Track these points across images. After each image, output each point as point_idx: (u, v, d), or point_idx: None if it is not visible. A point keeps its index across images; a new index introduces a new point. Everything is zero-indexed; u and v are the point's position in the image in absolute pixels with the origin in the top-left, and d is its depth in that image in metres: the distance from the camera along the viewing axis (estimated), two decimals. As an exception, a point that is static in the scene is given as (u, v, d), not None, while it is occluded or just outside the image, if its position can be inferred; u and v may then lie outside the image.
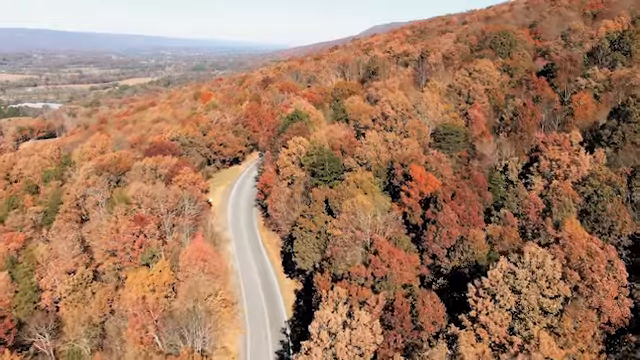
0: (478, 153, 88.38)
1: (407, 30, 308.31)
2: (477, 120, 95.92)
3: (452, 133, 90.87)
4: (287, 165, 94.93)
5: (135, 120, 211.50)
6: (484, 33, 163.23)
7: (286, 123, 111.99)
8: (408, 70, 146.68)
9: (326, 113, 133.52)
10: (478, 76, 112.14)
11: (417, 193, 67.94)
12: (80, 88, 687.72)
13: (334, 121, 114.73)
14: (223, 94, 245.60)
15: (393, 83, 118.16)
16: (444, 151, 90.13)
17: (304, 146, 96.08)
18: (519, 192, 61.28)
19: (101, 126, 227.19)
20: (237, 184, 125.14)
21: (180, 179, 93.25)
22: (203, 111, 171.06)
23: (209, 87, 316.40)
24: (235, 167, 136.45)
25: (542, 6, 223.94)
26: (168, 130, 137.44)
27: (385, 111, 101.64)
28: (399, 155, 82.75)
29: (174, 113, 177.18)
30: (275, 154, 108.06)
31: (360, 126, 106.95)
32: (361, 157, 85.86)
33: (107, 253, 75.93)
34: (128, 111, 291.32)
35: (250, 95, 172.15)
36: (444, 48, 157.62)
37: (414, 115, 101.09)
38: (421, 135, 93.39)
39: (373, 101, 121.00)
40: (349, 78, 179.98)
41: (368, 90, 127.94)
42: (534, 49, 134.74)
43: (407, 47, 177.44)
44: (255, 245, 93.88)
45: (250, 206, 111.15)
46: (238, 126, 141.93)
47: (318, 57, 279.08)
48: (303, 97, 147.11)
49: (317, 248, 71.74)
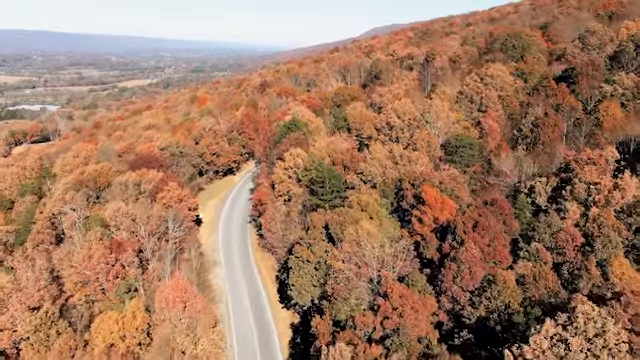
0: (495, 169, 78.96)
1: (409, 32, 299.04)
2: (492, 131, 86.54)
3: (465, 146, 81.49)
4: (283, 180, 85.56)
5: (127, 126, 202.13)
6: (492, 35, 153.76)
7: (283, 132, 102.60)
8: (413, 74, 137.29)
9: (326, 120, 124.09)
10: (490, 82, 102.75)
11: (431, 219, 58.54)
12: (79, 90, 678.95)
13: (335, 130, 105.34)
14: (220, 98, 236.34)
15: (398, 89, 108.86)
16: (457, 166, 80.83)
17: (302, 159, 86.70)
18: (552, 222, 51.84)
19: (93, 131, 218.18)
20: (231, 197, 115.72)
21: (165, 196, 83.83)
22: (197, 117, 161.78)
23: (206, 90, 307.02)
24: (229, 178, 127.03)
25: (549, 7, 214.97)
26: (158, 138, 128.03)
27: (390, 120, 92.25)
28: (408, 172, 73.35)
29: (167, 119, 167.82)
30: (270, 166, 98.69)
31: (363, 136, 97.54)
32: (365, 173, 76.48)
33: (78, 284, 66.62)
34: (123, 115, 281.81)
35: (246, 100, 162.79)
36: (450, 51, 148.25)
37: (422, 125, 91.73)
38: (431, 148, 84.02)
39: (377, 108, 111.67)
40: (350, 82, 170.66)
41: (371, 96, 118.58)
42: (548, 52, 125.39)
43: (411, 50, 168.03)
44: (248, 268, 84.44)
45: (244, 222, 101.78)
46: (233, 134, 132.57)
47: (318, 59, 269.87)
48: (302, 103, 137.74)
49: (316, 281, 62.33)
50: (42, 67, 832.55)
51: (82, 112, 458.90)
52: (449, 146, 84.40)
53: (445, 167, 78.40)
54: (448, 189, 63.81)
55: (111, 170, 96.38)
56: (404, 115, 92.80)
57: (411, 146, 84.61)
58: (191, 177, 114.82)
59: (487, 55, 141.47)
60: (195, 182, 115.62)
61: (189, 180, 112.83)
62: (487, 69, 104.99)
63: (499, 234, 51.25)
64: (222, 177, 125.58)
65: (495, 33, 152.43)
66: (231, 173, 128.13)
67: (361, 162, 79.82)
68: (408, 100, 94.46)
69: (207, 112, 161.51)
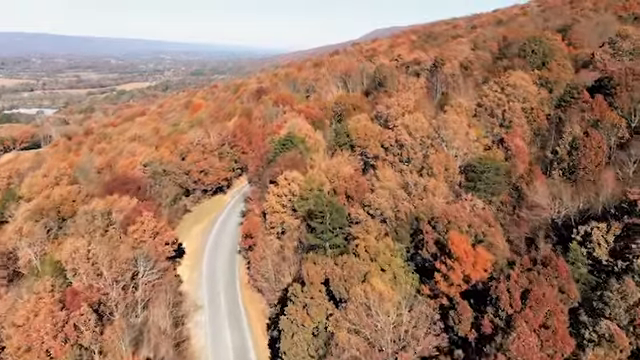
0: (527, 200, 65.56)
1: (411, 35, 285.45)
2: (520, 152, 73.14)
3: (491, 170, 68.12)
4: (276, 211, 72.17)
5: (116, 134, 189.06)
6: (506, 39, 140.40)
7: (277, 150, 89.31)
8: (420, 81, 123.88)
9: (326, 134, 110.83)
10: (512, 92, 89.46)
11: (460, 277, 45.26)
12: (77, 93, 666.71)
13: (336, 147, 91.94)
14: (215, 104, 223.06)
15: (407, 100, 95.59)
16: (480, 194, 67.44)
17: (298, 184, 73.26)
18: (627, 291, 38.50)
19: (81, 139, 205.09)
20: (220, 220, 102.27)
21: (137, 230, 70.46)
22: (187, 127, 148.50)
23: (203, 95, 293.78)
24: (219, 197, 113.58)
25: (560, 9, 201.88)
26: (141, 153, 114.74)
27: (400, 138, 78.98)
28: (425, 206, 60.07)
29: (156, 128, 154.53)
30: (263, 190, 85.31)
31: (369, 155, 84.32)
32: (373, 206, 63.13)
33: (22, 349, 53.29)
34: (115, 121, 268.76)
35: (240, 108, 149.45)
36: (461, 56, 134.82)
37: (437, 144, 78.41)
38: (449, 172, 70.68)
39: (383, 121, 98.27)
40: (352, 89, 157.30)
41: (376, 107, 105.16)
42: (571, 58, 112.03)
43: (417, 54, 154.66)
44: (235, 314, 70.78)
45: (233, 251, 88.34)
46: (224, 147, 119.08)
47: (317, 63, 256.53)
48: (299, 113, 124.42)
49: (314, 350, 48.98)
50: (41, 70, 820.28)
51: (78, 116, 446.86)
52: (471, 170, 71.03)
53: (467, 197, 65.07)
54: (479, 234, 50.47)
55: (79, 194, 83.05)
56: (416, 132, 79.55)
57: (425, 170, 71.27)
58: (175, 198, 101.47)
59: (501, 61, 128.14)
60: (180, 204, 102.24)
61: (172, 202, 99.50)
62: (508, 77, 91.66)
63: (557, 308, 37.87)
64: (211, 196, 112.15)
65: (509, 36, 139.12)
66: (221, 191, 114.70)
67: (368, 192, 66.48)
68: (420, 115, 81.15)
69: (197, 122, 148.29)
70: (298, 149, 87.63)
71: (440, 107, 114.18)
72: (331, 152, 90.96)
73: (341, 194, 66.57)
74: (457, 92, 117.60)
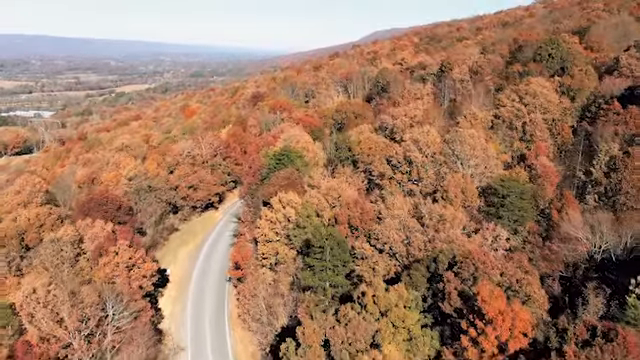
0: (559, 230, 56.05)
1: (413, 37, 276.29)
2: (547, 172, 63.56)
3: (514, 194, 58.58)
4: (270, 240, 62.57)
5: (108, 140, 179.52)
6: (517, 41, 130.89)
7: (272, 166, 79.75)
8: (427, 88, 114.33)
9: (326, 144, 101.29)
10: (531, 101, 80.00)
11: (494, 345, 35.77)
12: (75, 95, 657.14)
13: (337, 161, 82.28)
14: (211, 108, 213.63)
15: (415, 110, 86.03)
16: (504, 222, 57.98)
17: (295, 208, 63.67)
18: None
19: (70, 146, 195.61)
20: (210, 241, 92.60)
21: (110, 262, 60.89)
22: (178, 135, 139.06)
23: (199, 98, 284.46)
24: (210, 213, 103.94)
25: (568, 10, 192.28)
26: (126, 165, 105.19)
27: (410, 155, 69.44)
28: (443, 240, 50.53)
29: (146, 136, 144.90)
30: (255, 211, 75.79)
31: (373, 173, 74.73)
32: (381, 239, 53.57)
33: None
34: (109, 125, 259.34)
35: (235, 115, 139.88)
36: (470, 60, 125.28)
37: (452, 162, 68.89)
38: (467, 196, 61.11)
39: (388, 132, 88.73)
40: (353, 94, 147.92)
41: (380, 116, 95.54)
42: (590, 63, 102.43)
43: (422, 58, 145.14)
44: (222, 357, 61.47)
45: (223, 279, 78.60)
46: (216, 159, 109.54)
47: (317, 66, 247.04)
48: (297, 122, 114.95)
49: None
50: (40, 72, 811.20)
51: (75, 119, 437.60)
52: (491, 193, 61.54)
53: (489, 226, 55.60)
54: (513, 284, 40.89)
55: (50, 217, 73.45)
56: (426, 147, 70.00)
57: (440, 192, 61.76)
58: (161, 217, 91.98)
59: (513, 65, 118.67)
60: (166, 223, 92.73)
61: (157, 221, 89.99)
62: (527, 85, 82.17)
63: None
64: (201, 213, 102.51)
65: (520, 39, 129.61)
66: (212, 207, 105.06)
67: (374, 220, 56.91)
68: (431, 128, 71.54)
69: (190, 130, 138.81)
70: (295, 165, 78.05)
71: (450, 115, 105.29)
72: (331, 168, 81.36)
73: (343, 223, 57.02)
74: (467, 99, 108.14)
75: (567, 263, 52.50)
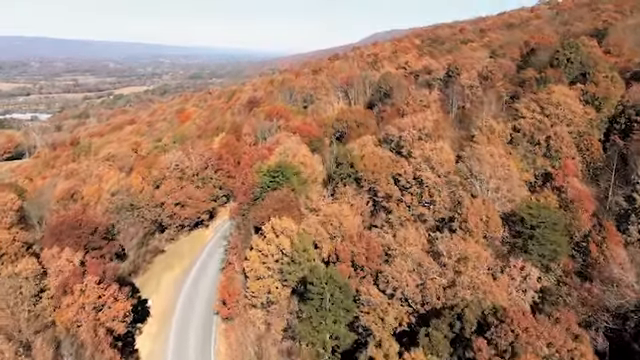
0: (600, 269, 47.23)
1: (414, 38, 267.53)
2: (581, 198, 54.69)
3: (546, 225, 49.74)
4: (260, 277, 53.67)
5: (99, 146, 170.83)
6: (528, 44, 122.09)
7: (265, 184, 70.85)
8: (434, 94, 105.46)
9: (326, 157, 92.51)
10: (554, 112, 71.16)
11: None
12: (73, 97, 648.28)
13: (337, 179, 73.26)
14: (207, 112, 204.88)
15: (424, 121, 77.13)
16: (533, 258, 49.17)
17: (290, 237, 54.81)
18: None
19: (59, 153, 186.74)
20: (198, 264, 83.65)
21: (74, 303, 51.95)
22: (169, 143, 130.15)
23: (196, 101, 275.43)
24: (199, 232, 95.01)
25: (576, 11, 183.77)
26: (109, 178, 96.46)
27: (421, 175, 60.56)
28: (467, 286, 41.71)
29: (136, 143, 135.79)
30: (246, 237, 66.88)
31: (379, 194, 65.79)
32: (391, 283, 44.69)
33: None
34: (103, 130, 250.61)
35: (230, 122, 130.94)
36: (478, 64, 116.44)
37: (469, 183, 60.06)
38: (490, 226, 52.25)
39: (394, 146, 79.79)
40: (354, 100, 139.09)
41: (385, 127, 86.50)
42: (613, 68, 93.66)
43: (427, 61, 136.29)
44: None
45: (211, 311, 69.42)
46: (207, 171, 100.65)
47: (316, 69, 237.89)
48: (295, 131, 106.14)
49: None
50: (38, 74, 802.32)
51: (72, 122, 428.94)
52: (517, 223, 52.70)
53: (517, 263, 46.87)
54: (564, 356, 32.02)
55: (12, 246, 64.43)
56: (439, 166, 61.11)
57: (457, 221, 52.92)
58: (144, 238, 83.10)
59: (526, 70, 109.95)
60: (150, 245, 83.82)
61: (140, 245, 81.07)
62: (549, 94, 73.33)
63: None
64: (190, 231, 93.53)
65: (532, 42, 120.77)
66: (202, 225, 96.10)
67: (381, 256, 48.04)
68: (445, 144, 62.63)
69: (181, 137, 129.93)
70: (290, 184, 69.18)
71: (459, 124, 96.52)
72: (332, 186, 72.47)
73: (345, 261, 48.15)
74: (478, 107, 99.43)
75: (613, 312, 43.69)
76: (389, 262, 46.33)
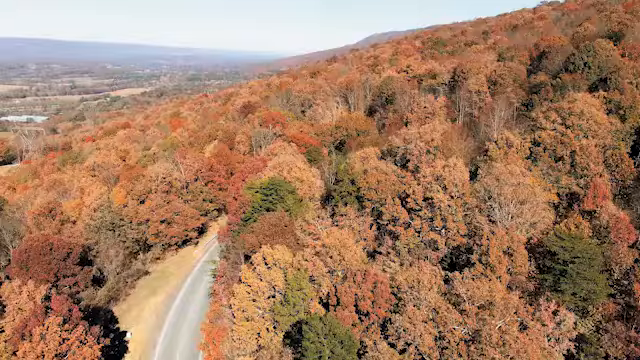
0: (649, 315, 39.94)
1: (415, 40, 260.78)
2: (618, 225, 47.13)
3: (581, 260, 42.26)
4: (249, 317, 46.04)
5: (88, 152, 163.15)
6: (538, 47, 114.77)
7: (257, 204, 63.28)
8: (440, 101, 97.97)
9: (324, 170, 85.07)
10: (576, 122, 63.73)
11: None
12: (70, 99, 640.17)
13: (337, 197, 65.62)
14: (200, 117, 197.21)
15: (433, 132, 69.46)
16: (566, 298, 41.80)
17: (282, 270, 47.33)
18: None
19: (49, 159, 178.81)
20: (185, 288, 75.90)
21: (33, 350, 44.24)
22: (159, 151, 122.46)
23: (191, 105, 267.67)
24: (188, 250, 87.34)
25: (583, 13, 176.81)
26: (91, 192, 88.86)
27: (433, 196, 53.02)
28: (491, 341, 34.20)
29: (124, 152, 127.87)
30: (234, 266, 59.22)
31: (384, 216, 58.23)
32: (403, 337, 37.13)
33: None
34: (96, 134, 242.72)
35: (222, 130, 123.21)
36: (486, 68, 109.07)
37: (487, 207, 52.58)
38: (515, 261, 44.75)
39: (399, 159, 72.31)
40: (354, 105, 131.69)
41: (389, 138, 78.72)
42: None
43: (431, 65, 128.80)
44: None
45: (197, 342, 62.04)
46: (197, 184, 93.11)
47: (314, 72, 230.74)
48: (291, 140, 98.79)
49: None
50: (36, 75, 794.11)
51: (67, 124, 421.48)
52: (545, 256, 45.25)
53: (549, 305, 39.39)
54: None
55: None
56: (453, 186, 53.59)
57: (477, 252, 45.40)
58: (125, 260, 75.41)
59: (537, 74, 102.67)
60: (132, 267, 76.08)
61: (121, 267, 73.38)
62: (571, 103, 65.89)
63: None
64: (177, 249, 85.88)
65: (542, 44, 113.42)
66: (191, 242, 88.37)
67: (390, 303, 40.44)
68: (459, 161, 55.01)
69: (171, 146, 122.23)
70: (285, 204, 61.63)
71: (468, 133, 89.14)
72: (331, 205, 64.91)
73: (348, 305, 40.53)
74: (488, 115, 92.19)
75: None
76: (399, 308, 38.84)
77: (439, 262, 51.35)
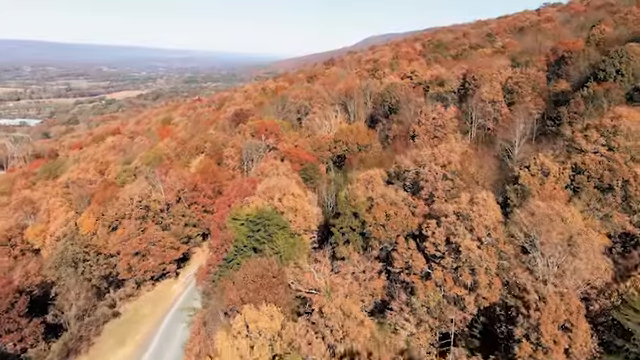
0: None
1: (415, 43, 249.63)
2: (703, 286, 36.05)
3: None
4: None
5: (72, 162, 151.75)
6: (556, 51, 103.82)
7: (241, 243, 51.94)
8: (450, 111, 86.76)
9: (322, 192, 73.93)
10: (623, 143, 52.72)
11: None
12: (65, 102, 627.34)
13: (337, 234, 54.30)
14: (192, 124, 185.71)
15: (451, 154, 58.19)
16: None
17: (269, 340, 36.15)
18: None
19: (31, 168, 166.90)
20: (159, 335, 64.21)
21: None
22: (141, 165, 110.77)
23: (184, 110, 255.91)
24: (166, 284, 75.78)
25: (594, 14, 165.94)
26: (57, 217, 77.50)
27: (459, 242, 41.79)
28: None
29: (104, 164, 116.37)
30: (214, 319, 47.90)
31: (396, 262, 46.87)
32: None
33: None
34: (85, 141, 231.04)
35: (210, 142, 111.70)
36: (500, 74, 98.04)
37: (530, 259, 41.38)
38: (575, 338, 33.56)
39: (410, 185, 60.94)
40: (354, 114, 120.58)
41: (397, 159, 67.28)
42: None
43: (437, 71, 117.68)
44: None
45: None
46: (179, 206, 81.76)
47: (311, 76, 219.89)
48: (285, 155, 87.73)
49: None
50: (31, 78, 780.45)
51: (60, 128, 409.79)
52: (613, 330, 34.13)
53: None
54: None
55: None
56: (483, 228, 42.37)
57: (521, 326, 34.24)
58: (91, 301, 63.92)
59: (558, 82, 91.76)
60: (97, 313, 64.54)
61: (83, 313, 61.87)
62: (616, 119, 54.86)
63: None
64: (154, 284, 74.28)
65: (560, 49, 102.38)
66: (170, 275, 76.82)
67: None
68: (490, 197, 43.76)
69: (154, 159, 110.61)
70: (274, 243, 50.34)
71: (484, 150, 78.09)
72: (331, 248, 53.51)
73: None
74: (504, 128, 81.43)
75: None
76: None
77: (468, 327, 40.22)
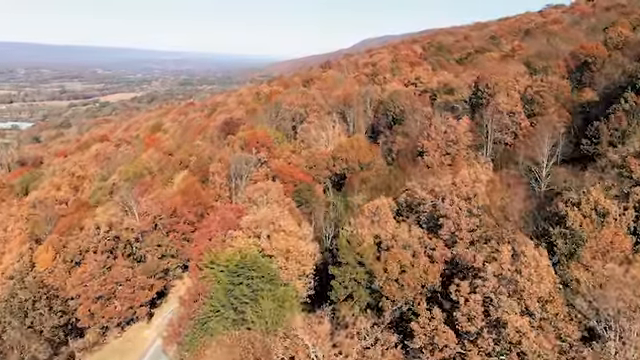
0: None
1: (415, 45, 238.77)
2: None
3: None
4: None
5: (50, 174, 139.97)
6: (577, 56, 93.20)
7: (215, 304, 40.70)
8: (463, 124, 75.79)
9: (319, 217, 62.92)
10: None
11: None
12: (58, 105, 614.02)
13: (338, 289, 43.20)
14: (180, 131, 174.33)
15: (476, 186, 47.06)
16: None
17: None
18: None
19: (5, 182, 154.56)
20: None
21: None
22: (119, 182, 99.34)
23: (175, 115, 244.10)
24: (137, 329, 64.22)
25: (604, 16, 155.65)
26: (11, 250, 66.05)
27: (502, 319, 30.68)
28: None
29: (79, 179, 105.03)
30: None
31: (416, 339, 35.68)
32: None
33: None
34: (70, 148, 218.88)
35: (196, 156, 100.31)
36: (516, 81, 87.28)
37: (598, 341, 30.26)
38: None
39: (425, 220, 49.75)
40: (353, 123, 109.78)
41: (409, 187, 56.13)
42: None
43: (444, 77, 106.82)
44: None
45: None
46: (155, 235, 70.39)
47: (307, 80, 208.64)
48: (277, 173, 76.75)
49: None
50: (25, 80, 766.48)
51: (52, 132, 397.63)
52: None
53: None
54: None
55: None
56: (534, 299, 31.30)
57: None
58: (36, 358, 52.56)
59: (584, 91, 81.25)
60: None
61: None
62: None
63: None
64: (123, 329, 62.87)
65: (582, 53, 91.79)
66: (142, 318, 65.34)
67: None
68: (544, 256, 32.70)
69: (133, 175, 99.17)
70: (260, 308, 39.09)
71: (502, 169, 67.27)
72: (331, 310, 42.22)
73: None
74: (526, 144, 70.89)
75: None
76: None
77: None
